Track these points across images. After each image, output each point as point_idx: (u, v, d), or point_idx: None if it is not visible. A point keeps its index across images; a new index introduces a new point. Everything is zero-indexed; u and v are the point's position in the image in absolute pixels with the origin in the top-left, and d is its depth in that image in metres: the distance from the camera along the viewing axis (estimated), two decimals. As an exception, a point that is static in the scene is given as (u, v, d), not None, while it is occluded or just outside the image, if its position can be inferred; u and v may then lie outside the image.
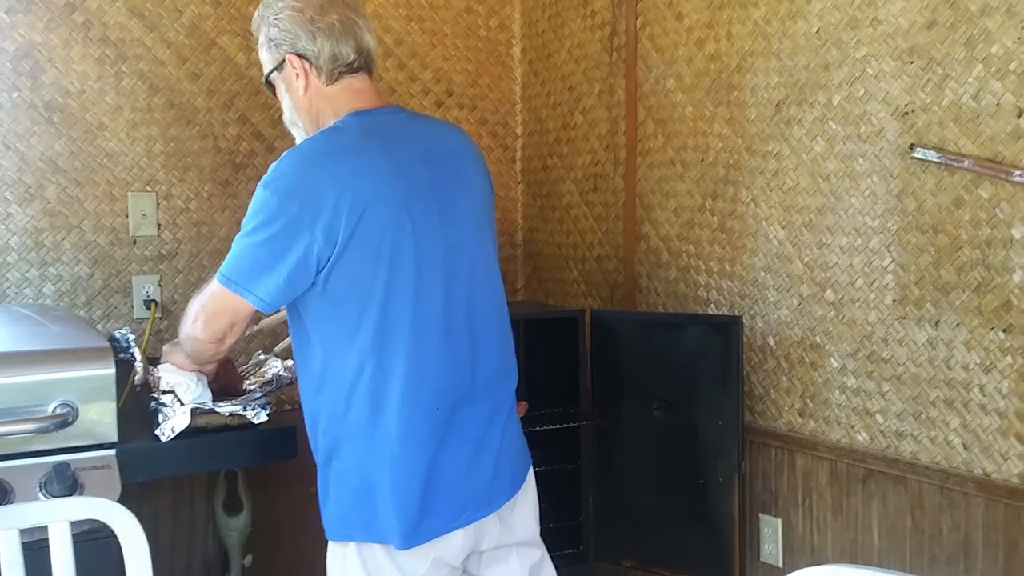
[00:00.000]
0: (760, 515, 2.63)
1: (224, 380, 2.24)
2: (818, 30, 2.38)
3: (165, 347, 2.15)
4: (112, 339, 2.29)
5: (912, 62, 2.17)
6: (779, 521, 2.58)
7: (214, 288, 1.76)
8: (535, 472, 2.92)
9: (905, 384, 2.24)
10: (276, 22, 1.78)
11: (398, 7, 3.27)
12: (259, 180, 3.01)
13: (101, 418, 2.05)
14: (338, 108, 1.78)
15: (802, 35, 2.42)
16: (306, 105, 1.80)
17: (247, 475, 2.84)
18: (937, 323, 2.17)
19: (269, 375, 2.36)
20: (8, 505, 1.72)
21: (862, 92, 2.29)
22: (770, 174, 2.54)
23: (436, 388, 1.72)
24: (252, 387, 2.32)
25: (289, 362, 2.41)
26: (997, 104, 2.02)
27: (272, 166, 1.69)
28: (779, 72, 2.49)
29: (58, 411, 2.00)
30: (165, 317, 2.90)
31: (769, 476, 2.61)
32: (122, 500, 1.80)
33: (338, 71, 1.77)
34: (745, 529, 2.59)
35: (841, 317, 2.38)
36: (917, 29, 2.16)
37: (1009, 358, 2.03)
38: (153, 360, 2.63)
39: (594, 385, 2.82)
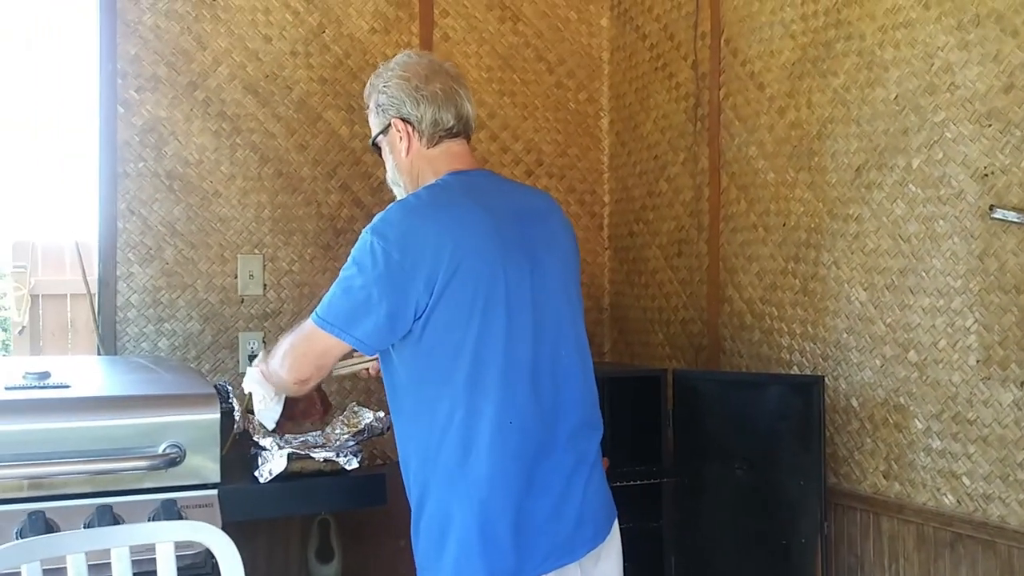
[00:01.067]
0: (846, 581, 2.59)
1: (305, 405, 2.34)
2: (896, 96, 2.44)
3: (263, 351, 2.23)
4: (217, 388, 2.45)
5: (990, 125, 2.20)
6: (866, 587, 2.54)
7: (308, 329, 1.85)
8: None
9: (991, 446, 2.22)
10: (385, 89, 1.94)
11: (491, 83, 3.45)
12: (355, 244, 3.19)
13: (206, 459, 2.19)
14: (437, 168, 1.90)
15: (881, 101, 2.48)
16: (407, 166, 1.94)
17: (339, 525, 2.95)
18: (1023, 384, 2.15)
19: (362, 425, 2.47)
20: (122, 525, 1.85)
21: (941, 155, 2.32)
22: (851, 237, 2.57)
23: (523, 435, 1.78)
24: (345, 436, 2.44)
25: (381, 413, 2.53)
26: (1077, 164, 2.03)
27: (378, 216, 1.80)
28: (859, 138, 2.54)
29: (168, 451, 2.15)
30: (267, 372, 3.06)
31: (855, 540, 2.58)
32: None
33: (439, 135, 1.90)
34: (831, 595, 2.56)
35: (925, 378, 2.37)
36: (994, 93, 2.20)
37: (1098, 419, 2.00)
38: (253, 412, 2.78)
39: (676, 443, 2.85)
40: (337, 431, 2.49)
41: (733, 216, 3.01)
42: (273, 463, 2.29)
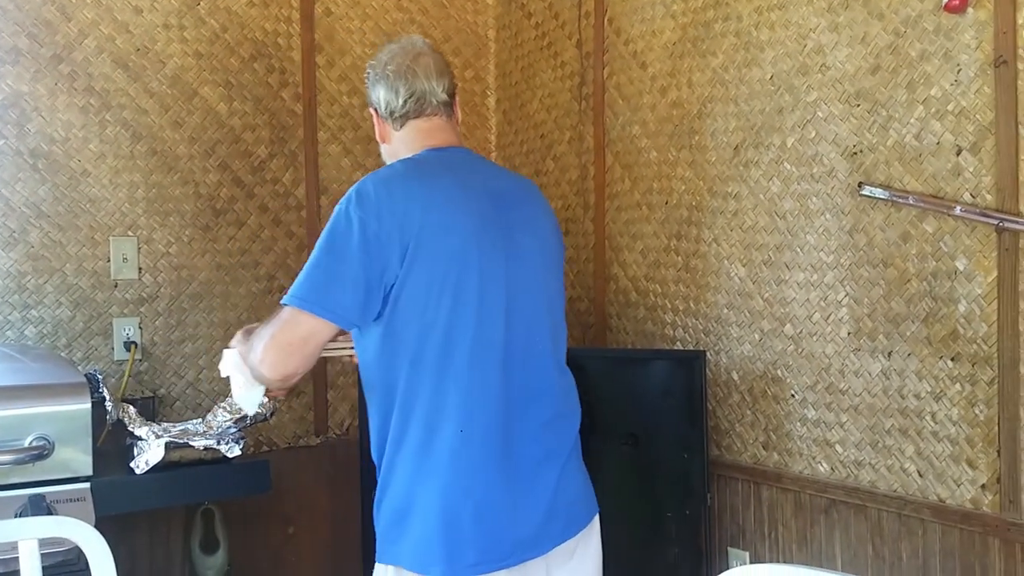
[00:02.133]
0: (729, 548, 2.67)
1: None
2: (772, 77, 2.50)
3: (240, 333, 1.97)
4: (88, 377, 2.34)
5: (859, 105, 2.28)
6: (747, 554, 2.63)
7: (286, 314, 1.70)
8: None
9: (862, 414, 2.31)
10: (369, 81, 1.90)
11: (376, 59, 3.38)
12: (238, 225, 3.09)
13: (76, 451, 2.10)
14: (412, 147, 1.83)
15: (757, 81, 2.54)
16: (387, 150, 1.90)
17: (224, 514, 2.88)
18: (890, 354, 2.24)
19: (243, 411, 2.41)
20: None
21: (813, 134, 2.39)
22: (730, 214, 2.63)
23: (490, 420, 1.71)
24: (227, 422, 2.37)
25: (264, 398, 2.47)
26: (937, 143, 2.12)
27: (353, 186, 1.72)
28: (736, 117, 2.60)
29: (34, 444, 2.05)
30: (145, 359, 2.95)
31: (737, 509, 2.66)
32: (96, 535, 1.84)
33: (398, 116, 1.84)
34: (714, 563, 2.64)
35: (800, 351, 2.45)
36: (862, 74, 2.27)
37: (958, 386, 2.11)
38: (130, 401, 2.68)
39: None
40: (218, 418, 2.42)
41: (618, 195, 3.04)
42: (150, 453, 2.22)
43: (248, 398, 1.91)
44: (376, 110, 1.87)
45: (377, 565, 1.78)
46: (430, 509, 1.68)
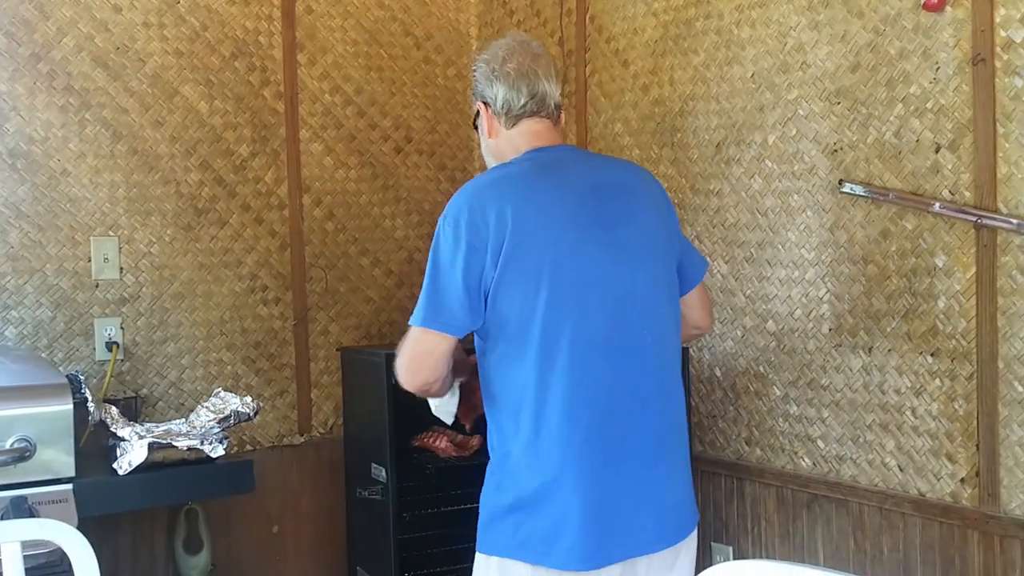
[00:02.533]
0: (712, 543, 2.69)
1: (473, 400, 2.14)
2: (753, 74, 2.51)
3: None
4: (69, 378, 2.33)
5: (839, 103, 2.30)
6: (730, 549, 2.64)
7: (411, 333, 1.81)
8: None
9: (843, 409, 2.33)
10: (474, 74, 1.95)
11: (358, 57, 3.38)
12: (220, 224, 3.08)
13: (59, 452, 2.09)
14: (518, 147, 1.88)
15: (738, 79, 2.55)
16: (492, 147, 1.94)
17: (208, 514, 2.87)
18: (870, 350, 2.26)
19: (228, 411, 2.41)
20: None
21: (794, 132, 2.41)
22: (712, 212, 2.65)
23: (597, 414, 1.73)
24: (210, 422, 2.37)
25: (248, 398, 2.46)
26: (916, 140, 2.14)
27: (449, 201, 1.80)
28: (718, 114, 2.62)
29: (15, 446, 2.04)
30: (127, 359, 2.94)
31: (720, 504, 2.67)
32: (80, 535, 1.83)
33: (515, 115, 1.88)
34: (698, 558, 2.64)
35: (782, 347, 2.47)
36: (843, 72, 2.29)
37: (937, 381, 2.13)
38: (112, 401, 2.67)
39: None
40: (202, 417, 2.42)
41: (601, 192, 3.04)
42: (133, 454, 2.21)
43: (444, 408, 2.06)
44: (488, 105, 1.90)
45: (480, 556, 1.82)
46: (542, 502, 1.71)
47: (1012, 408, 1.99)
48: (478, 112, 1.95)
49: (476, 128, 2.01)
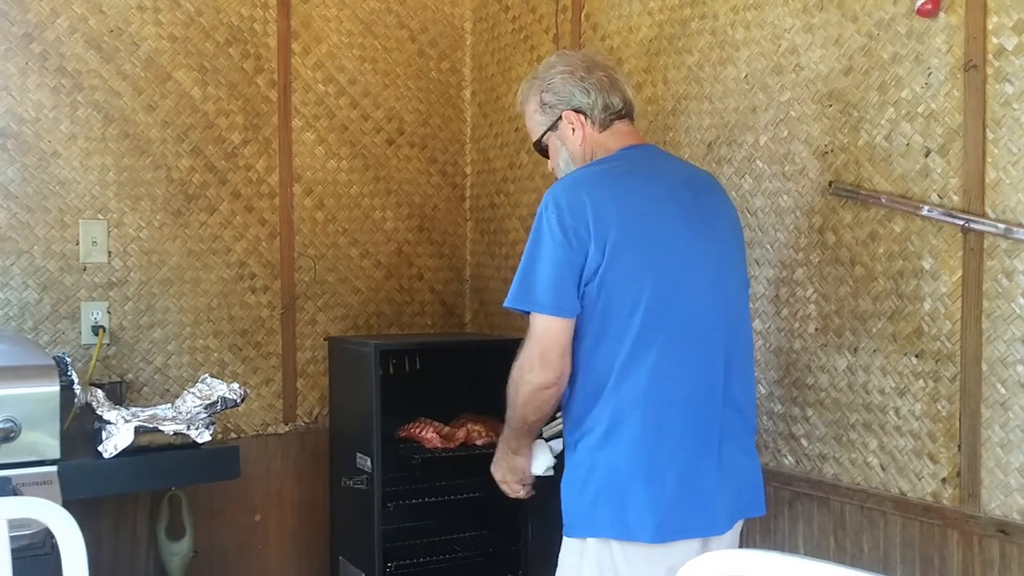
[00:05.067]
0: (694, 540, 2.70)
1: None
2: (746, 75, 2.53)
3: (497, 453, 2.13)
4: (56, 360, 2.32)
5: (831, 105, 2.32)
6: (712, 546, 2.66)
7: (534, 326, 1.84)
8: (475, 498, 2.99)
9: (827, 409, 2.35)
10: (549, 87, 2.02)
11: (352, 48, 3.38)
12: (210, 211, 3.07)
13: (44, 434, 2.09)
14: (609, 147, 1.99)
15: (732, 80, 2.57)
16: (581, 153, 2.00)
17: (191, 501, 2.86)
18: (856, 350, 2.28)
19: (215, 396, 2.40)
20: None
21: (786, 133, 2.43)
22: (703, 210, 2.66)
23: (694, 394, 1.84)
24: (197, 407, 2.37)
25: (235, 384, 2.46)
26: (907, 144, 2.16)
27: (546, 195, 1.86)
28: (711, 114, 2.63)
29: (0, 426, 2.03)
30: (113, 343, 2.93)
31: (702, 501, 2.69)
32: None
33: (609, 119, 2.00)
34: (679, 554, 2.66)
35: (768, 345, 2.49)
36: (835, 75, 2.31)
37: (921, 382, 2.15)
38: (97, 385, 2.66)
39: (534, 412, 2.89)
40: (188, 403, 2.41)
41: (591, 189, 3.06)
42: (118, 437, 2.20)
43: (543, 462, 2.09)
44: (582, 112, 1.99)
45: (571, 541, 1.89)
46: (635, 478, 1.79)
47: (994, 410, 2.02)
48: (555, 124, 2.01)
49: (539, 148, 2.08)
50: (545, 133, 2.05)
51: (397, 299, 3.49)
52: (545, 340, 1.83)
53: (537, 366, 1.84)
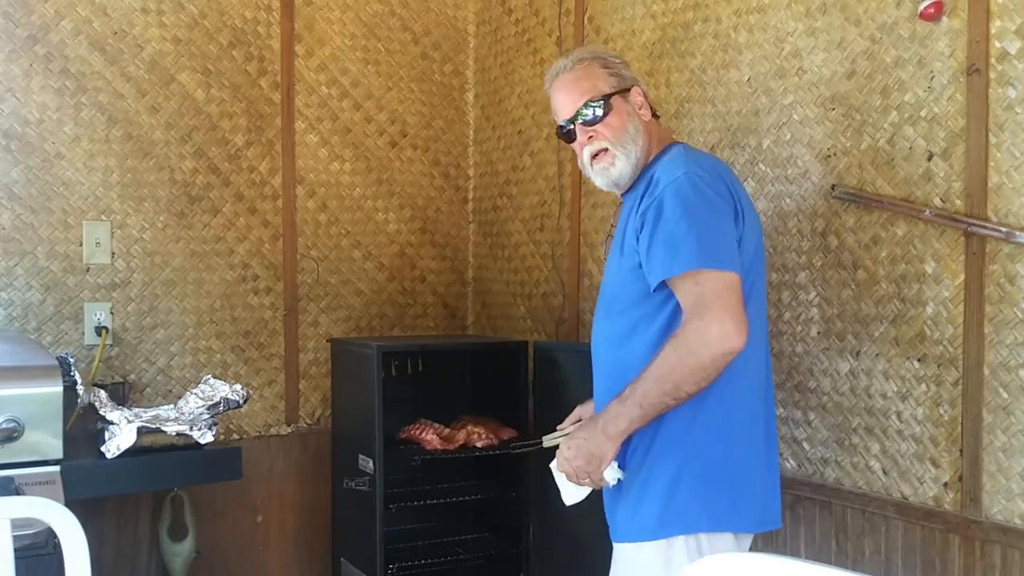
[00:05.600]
0: (695, 543, 2.70)
1: None
2: (749, 79, 2.53)
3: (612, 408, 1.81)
4: (59, 360, 2.33)
5: (834, 109, 2.32)
6: (713, 549, 2.65)
7: (715, 285, 1.70)
8: (477, 500, 2.99)
9: (829, 412, 2.35)
10: (619, 64, 2.01)
11: (355, 51, 3.39)
12: (213, 212, 3.07)
13: (46, 434, 2.09)
14: (662, 136, 2.02)
15: (735, 83, 2.57)
16: (644, 129, 1.98)
17: (193, 501, 2.87)
18: (858, 354, 2.28)
19: (217, 397, 2.41)
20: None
21: (789, 136, 2.43)
22: (705, 213, 2.66)
23: (763, 378, 1.91)
24: (199, 408, 2.37)
25: (238, 385, 2.46)
26: (910, 148, 2.16)
27: (674, 165, 1.84)
28: (713, 117, 2.63)
29: (3, 426, 2.04)
30: (116, 344, 2.93)
31: (704, 505, 2.68)
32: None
33: (655, 114, 2.05)
34: (681, 557, 2.66)
35: (771, 349, 2.49)
36: (838, 79, 2.31)
37: (924, 386, 2.15)
38: (100, 386, 2.67)
39: (536, 413, 2.90)
40: (191, 404, 2.42)
41: (594, 192, 3.06)
42: (121, 437, 2.20)
43: (578, 494, 1.93)
44: (645, 94, 2.02)
45: (643, 547, 1.81)
46: (726, 470, 1.79)
47: (996, 414, 2.01)
48: (626, 91, 1.97)
49: (603, 101, 1.93)
50: (614, 95, 1.95)
51: (399, 301, 3.49)
52: (735, 298, 1.70)
53: (733, 329, 1.67)
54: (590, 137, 1.94)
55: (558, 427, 2.00)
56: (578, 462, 1.82)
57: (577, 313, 3.13)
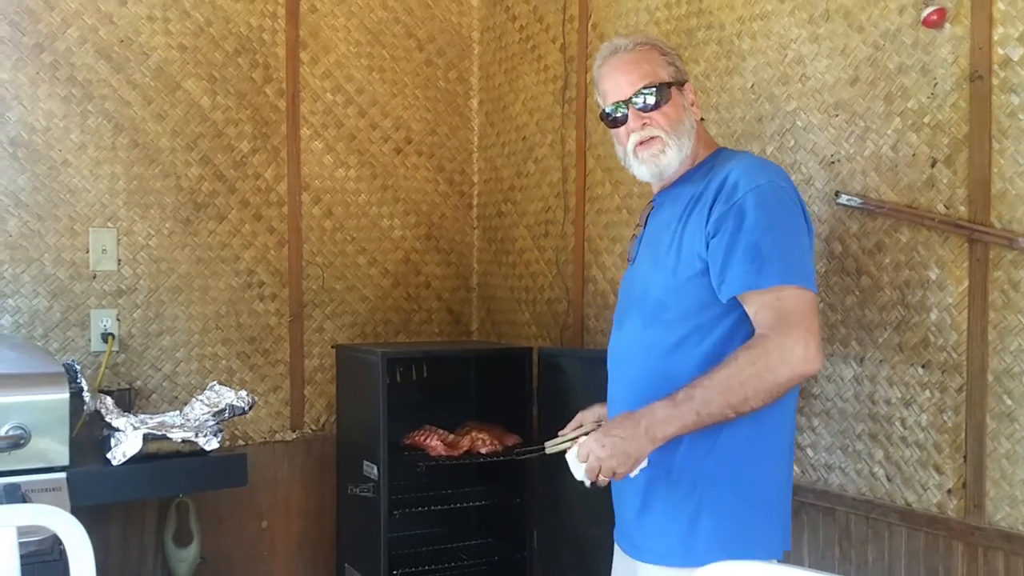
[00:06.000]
0: (700, 549, 2.69)
1: None
2: (752, 85, 2.54)
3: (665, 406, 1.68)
4: (66, 367, 2.34)
5: (837, 115, 2.32)
6: (718, 555, 2.65)
7: (798, 304, 1.64)
8: (481, 506, 2.99)
9: (833, 419, 2.35)
10: (676, 56, 1.92)
11: (360, 58, 3.40)
12: (219, 219, 3.07)
13: (53, 441, 2.10)
14: (708, 141, 1.95)
15: (738, 89, 2.58)
16: (695, 125, 1.90)
17: (198, 508, 2.88)
18: (862, 360, 2.28)
19: (223, 404, 2.42)
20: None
21: (792, 143, 2.43)
22: (709, 219, 2.66)
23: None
24: (205, 415, 2.38)
25: (243, 392, 2.47)
26: (913, 154, 2.16)
27: (751, 169, 1.75)
28: (717, 124, 2.64)
29: (10, 433, 2.05)
30: (122, 351, 2.95)
31: (708, 511, 2.68)
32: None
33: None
34: (685, 563, 2.66)
35: (774, 355, 2.49)
36: (841, 85, 2.32)
37: (927, 392, 2.15)
38: (106, 392, 2.68)
39: (540, 419, 2.90)
40: (196, 410, 2.43)
41: (598, 198, 3.07)
42: (127, 444, 2.22)
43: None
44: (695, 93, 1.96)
45: (690, 570, 1.54)
46: (775, 494, 1.78)
47: (1000, 421, 2.01)
48: (683, 83, 1.89)
49: (658, 89, 1.83)
50: (672, 85, 1.86)
51: (404, 307, 3.50)
52: (815, 319, 1.65)
53: (814, 352, 1.62)
54: (644, 124, 1.83)
55: (559, 433, 1.98)
56: (612, 462, 1.67)
57: (582, 319, 3.14)
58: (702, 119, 1.97)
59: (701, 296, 1.73)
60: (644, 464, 1.70)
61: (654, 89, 1.83)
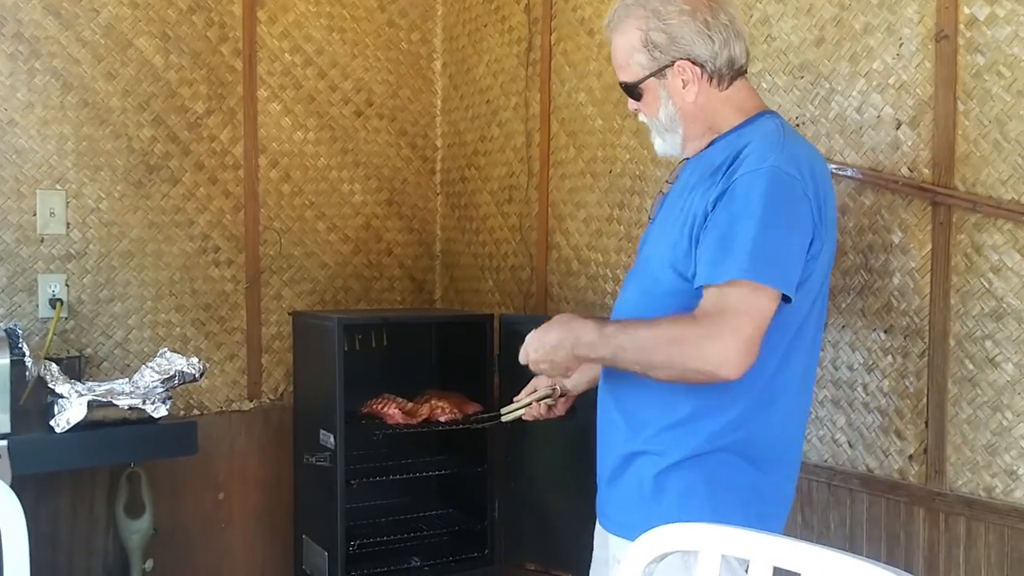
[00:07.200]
0: (662, 517, 2.67)
1: None
2: (718, 46, 2.48)
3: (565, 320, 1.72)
4: (7, 332, 2.26)
5: (802, 77, 2.28)
6: (680, 523, 2.63)
7: (745, 302, 1.48)
8: (441, 475, 2.95)
9: (795, 385, 2.32)
10: (663, 27, 1.64)
11: (320, 17, 3.31)
12: (172, 182, 2.99)
13: (-7, 408, 2.03)
14: (742, 107, 1.69)
15: (703, 51, 2.52)
16: (693, 112, 1.68)
17: (151, 478, 2.81)
18: (825, 325, 2.25)
19: (172, 370, 2.35)
20: None
21: (757, 105, 2.39)
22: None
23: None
24: (154, 382, 2.31)
25: (194, 359, 2.41)
26: (878, 116, 2.13)
27: (766, 150, 1.56)
28: (682, 86, 2.58)
29: (-53, 400, 1.98)
30: (71, 317, 2.86)
31: (670, 479, 2.66)
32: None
33: (734, 72, 1.68)
34: (647, 531, 2.64)
35: (737, 321, 2.46)
36: (807, 46, 2.27)
37: (890, 358, 2.13)
38: (55, 360, 2.60)
39: (502, 387, 2.86)
40: (145, 377, 2.36)
41: (562, 162, 3.02)
42: (71, 411, 2.15)
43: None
44: (700, 64, 1.65)
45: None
46: (784, 476, 1.76)
47: (962, 386, 1.99)
48: (661, 71, 1.66)
49: (632, 88, 1.71)
50: (647, 79, 1.68)
51: (365, 274, 3.44)
52: (760, 323, 1.48)
53: (734, 360, 1.47)
54: (636, 111, 1.77)
55: (514, 399, 1.94)
56: (543, 366, 1.73)
57: (545, 286, 3.09)
58: (738, 76, 1.70)
59: (685, 277, 1.62)
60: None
61: (630, 89, 1.73)
